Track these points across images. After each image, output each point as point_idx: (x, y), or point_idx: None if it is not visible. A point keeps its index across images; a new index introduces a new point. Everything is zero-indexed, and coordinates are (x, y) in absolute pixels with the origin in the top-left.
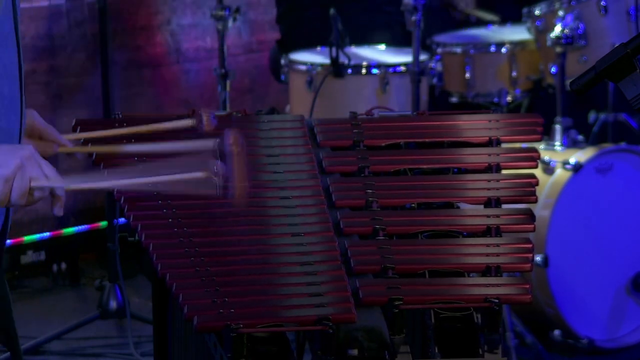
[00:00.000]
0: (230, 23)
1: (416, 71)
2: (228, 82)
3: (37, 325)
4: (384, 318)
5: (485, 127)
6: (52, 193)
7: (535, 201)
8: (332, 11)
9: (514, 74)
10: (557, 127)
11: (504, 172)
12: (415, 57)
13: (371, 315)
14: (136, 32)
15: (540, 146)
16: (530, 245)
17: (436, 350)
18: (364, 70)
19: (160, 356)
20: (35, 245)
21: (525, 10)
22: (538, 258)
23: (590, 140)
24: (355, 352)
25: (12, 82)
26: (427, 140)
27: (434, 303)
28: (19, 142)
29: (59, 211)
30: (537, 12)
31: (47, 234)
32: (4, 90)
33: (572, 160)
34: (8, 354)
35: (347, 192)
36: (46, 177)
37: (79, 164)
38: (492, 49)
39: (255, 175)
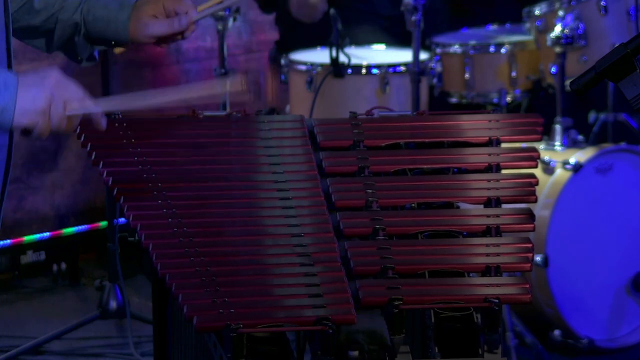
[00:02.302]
0: (230, 23)
1: (416, 71)
2: (228, 86)
3: (37, 325)
4: (384, 319)
5: (485, 127)
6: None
7: (535, 201)
8: (332, 11)
9: (514, 74)
10: (557, 127)
11: (504, 172)
12: (415, 57)
13: (372, 318)
14: None
15: (540, 146)
16: (530, 245)
17: (436, 350)
18: (363, 70)
19: (160, 356)
20: (35, 245)
21: (525, 10)
22: (538, 258)
23: (590, 140)
24: (355, 353)
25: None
26: (427, 140)
27: (434, 303)
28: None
29: (104, 124)
30: (537, 12)
31: (47, 234)
32: None
33: (572, 160)
34: (8, 353)
35: (347, 192)
36: (79, 100)
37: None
38: (492, 49)
39: (255, 175)
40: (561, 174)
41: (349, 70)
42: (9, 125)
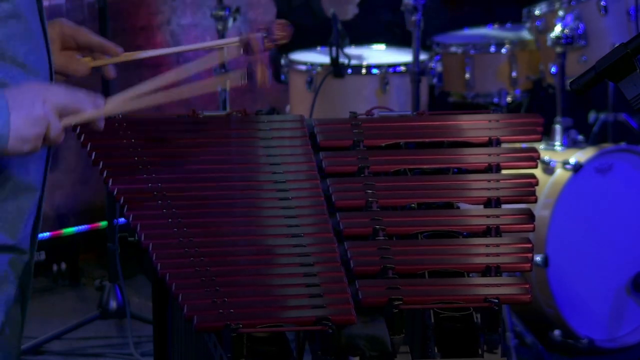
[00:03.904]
0: (230, 23)
1: (416, 71)
2: (228, 82)
3: (37, 325)
4: (384, 320)
5: (485, 127)
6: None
7: (535, 201)
8: (332, 11)
9: (514, 74)
10: (557, 127)
11: (504, 172)
12: (415, 57)
13: (373, 323)
14: (136, 32)
15: (540, 146)
16: (530, 245)
17: (436, 350)
18: (363, 71)
19: (160, 356)
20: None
21: (525, 10)
22: (538, 258)
23: (590, 140)
24: (356, 359)
25: (41, 76)
26: (427, 140)
27: (434, 303)
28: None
29: (101, 125)
30: (537, 12)
31: (47, 234)
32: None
33: (572, 160)
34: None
35: (347, 192)
36: (73, 104)
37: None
38: (492, 49)
39: (254, 175)
40: (561, 174)
41: (349, 70)
42: (4, 153)
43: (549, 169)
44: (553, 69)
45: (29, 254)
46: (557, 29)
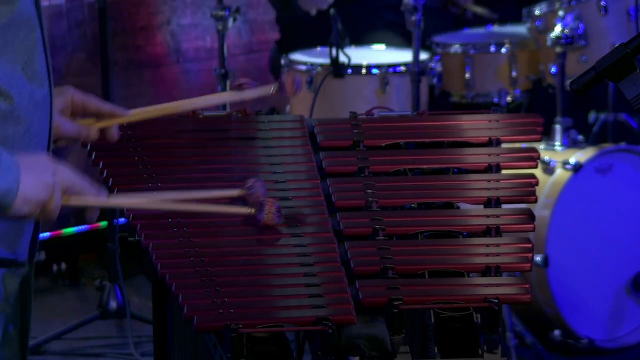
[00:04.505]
0: (230, 23)
1: (416, 71)
2: (228, 82)
3: (37, 325)
4: (385, 319)
5: (485, 127)
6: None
7: (535, 201)
8: (332, 11)
9: (514, 74)
10: (557, 127)
11: (504, 172)
12: (415, 57)
13: (373, 323)
14: (136, 32)
15: (540, 146)
16: (530, 245)
17: (436, 350)
18: (363, 70)
19: (160, 356)
20: None
21: (525, 10)
22: (538, 258)
23: (590, 140)
24: (356, 359)
25: (43, 84)
26: (427, 140)
27: (434, 303)
28: (48, 145)
29: (96, 215)
30: (537, 12)
31: (47, 234)
32: (36, 93)
33: (572, 160)
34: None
35: (347, 192)
36: (77, 189)
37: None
38: (492, 49)
39: (254, 175)
40: (561, 174)
41: (349, 70)
42: (7, 210)
43: (549, 169)
44: (553, 69)
45: (28, 267)
46: (557, 29)
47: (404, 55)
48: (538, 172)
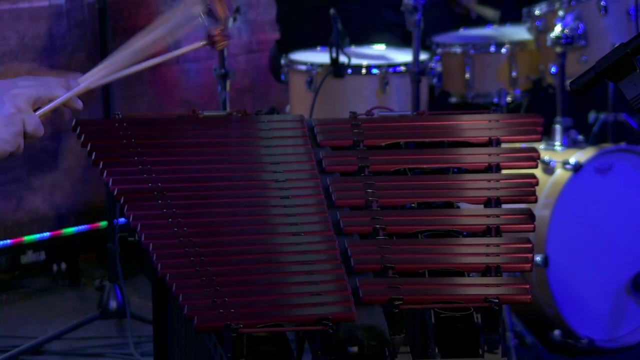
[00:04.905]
0: (230, 23)
1: (416, 71)
2: (228, 82)
3: (37, 325)
4: (385, 316)
5: (485, 127)
6: (66, 105)
7: (535, 201)
8: (332, 11)
9: (514, 74)
10: (557, 127)
11: (504, 172)
12: (415, 57)
13: (371, 314)
14: (136, 32)
15: (540, 146)
16: (530, 245)
17: (436, 350)
18: (363, 70)
19: (160, 356)
20: (35, 245)
21: (525, 10)
22: (538, 258)
23: (590, 140)
24: (355, 349)
25: None
26: (427, 140)
27: (434, 303)
28: None
29: (79, 105)
30: (537, 12)
31: (47, 234)
32: None
33: (572, 160)
34: (8, 353)
35: (347, 191)
36: (50, 96)
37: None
38: (492, 49)
39: (254, 175)
40: (561, 174)
41: (349, 70)
42: None
43: (549, 169)
44: (553, 69)
45: None
46: (557, 29)
47: (404, 55)
48: (538, 172)
